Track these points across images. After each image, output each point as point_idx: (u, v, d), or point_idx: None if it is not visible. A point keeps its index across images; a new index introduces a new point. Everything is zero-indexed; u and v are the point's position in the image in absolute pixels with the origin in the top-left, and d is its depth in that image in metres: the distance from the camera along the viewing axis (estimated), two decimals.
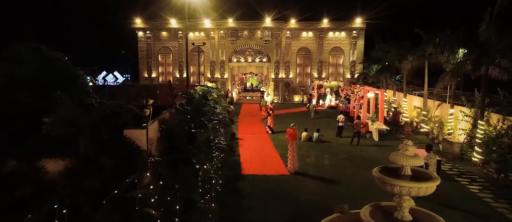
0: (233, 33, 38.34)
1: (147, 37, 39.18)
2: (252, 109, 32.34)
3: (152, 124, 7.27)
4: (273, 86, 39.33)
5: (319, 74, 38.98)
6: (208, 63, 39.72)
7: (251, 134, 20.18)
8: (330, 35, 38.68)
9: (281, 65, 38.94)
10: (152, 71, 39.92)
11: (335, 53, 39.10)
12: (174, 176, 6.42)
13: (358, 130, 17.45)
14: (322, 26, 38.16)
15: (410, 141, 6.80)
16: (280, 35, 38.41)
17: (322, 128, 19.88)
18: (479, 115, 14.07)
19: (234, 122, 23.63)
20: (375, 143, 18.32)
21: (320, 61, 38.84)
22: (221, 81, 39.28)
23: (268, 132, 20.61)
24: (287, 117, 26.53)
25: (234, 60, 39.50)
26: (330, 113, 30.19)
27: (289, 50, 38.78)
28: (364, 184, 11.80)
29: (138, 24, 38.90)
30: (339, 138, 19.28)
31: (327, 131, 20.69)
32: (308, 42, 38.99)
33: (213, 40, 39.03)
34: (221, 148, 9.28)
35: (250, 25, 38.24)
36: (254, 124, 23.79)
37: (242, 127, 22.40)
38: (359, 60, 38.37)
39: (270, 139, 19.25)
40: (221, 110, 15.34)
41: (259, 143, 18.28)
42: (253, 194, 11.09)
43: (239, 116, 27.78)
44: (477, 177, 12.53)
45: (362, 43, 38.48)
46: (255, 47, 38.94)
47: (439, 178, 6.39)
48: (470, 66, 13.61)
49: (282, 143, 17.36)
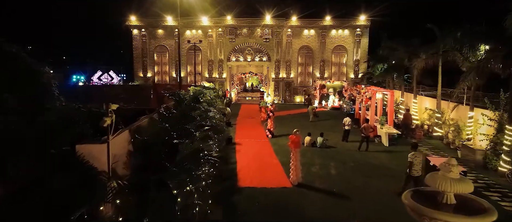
0: (231, 31, 36.77)
1: (142, 35, 37.62)
2: (251, 110, 30.75)
3: (119, 135, 5.69)
4: (274, 86, 37.77)
5: (321, 74, 37.40)
6: (206, 62, 38.15)
7: (249, 138, 18.61)
8: (333, 33, 37.09)
9: (282, 64, 37.38)
10: (147, 70, 38.35)
11: (338, 51, 37.51)
12: (142, 206, 4.85)
13: (366, 135, 15.87)
14: (325, 23, 36.56)
15: (454, 159, 5.21)
16: (281, 33, 36.84)
17: (326, 132, 18.31)
18: (506, 119, 12.46)
19: (231, 125, 22.07)
20: (385, 149, 16.73)
21: (322, 60, 37.26)
22: (219, 81, 37.72)
23: (268, 135, 19.04)
24: (288, 120, 24.95)
25: (233, 59, 37.93)
26: (333, 114, 28.62)
27: (290, 48, 37.20)
28: (375, 197, 10.32)
29: (133, 22, 37.33)
30: (345, 143, 17.72)
31: (331, 134, 19.14)
32: (310, 40, 37.40)
33: (211, 38, 37.46)
34: (212, 161, 7.68)
35: (250, 22, 36.66)
36: (253, 127, 22.21)
37: (240, 130, 20.82)
38: (363, 59, 36.78)
39: (270, 144, 17.67)
40: (215, 113, 13.74)
41: (258, 149, 16.70)
42: (251, 212, 9.54)
43: (237, 117, 26.19)
44: (508, 191, 10.93)
45: (366, 41, 36.87)
46: (254, 45, 37.38)
47: (495, 211, 4.82)
48: (497, 64, 11.99)
49: (283, 149, 15.82)
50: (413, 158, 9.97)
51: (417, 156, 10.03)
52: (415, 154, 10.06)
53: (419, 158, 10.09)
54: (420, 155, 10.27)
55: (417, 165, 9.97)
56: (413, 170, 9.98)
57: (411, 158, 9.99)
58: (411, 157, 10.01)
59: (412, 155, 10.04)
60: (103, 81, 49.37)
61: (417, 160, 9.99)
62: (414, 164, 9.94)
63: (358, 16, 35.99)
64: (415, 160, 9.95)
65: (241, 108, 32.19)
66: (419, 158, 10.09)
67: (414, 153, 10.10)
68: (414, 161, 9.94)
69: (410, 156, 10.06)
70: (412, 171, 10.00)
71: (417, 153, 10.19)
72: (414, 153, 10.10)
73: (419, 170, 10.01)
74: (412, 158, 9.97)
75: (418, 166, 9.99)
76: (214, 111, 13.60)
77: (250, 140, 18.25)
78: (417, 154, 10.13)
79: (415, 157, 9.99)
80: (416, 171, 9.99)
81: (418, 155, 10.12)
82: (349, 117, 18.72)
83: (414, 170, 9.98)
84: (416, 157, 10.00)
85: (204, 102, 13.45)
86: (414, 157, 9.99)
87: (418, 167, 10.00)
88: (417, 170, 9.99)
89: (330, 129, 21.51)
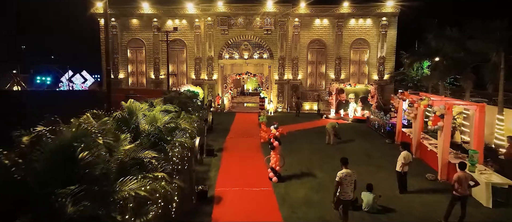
0: (223, 21, 29.09)
1: (112, 26, 29.95)
2: (248, 123, 23.08)
3: None
4: (277, 90, 30.08)
5: (337, 75, 29.69)
6: (192, 61, 30.49)
7: (240, 187, 10.91)
8: (351, 23, 29.36)
9: (287, 63, 29.71)
10: (119, 70, 30.67)
11: (358, 47, 29.77)
12: None
13: (463, 194, 8.19)
14: (342, 11, 28.84)
15: None
16: (286, 24, 29.15)
17: (361, 167, 10.85)
18: None
19: (214, 154, 14.44)
20: (488, 214, 9.07)
21: (338, 58, 29.54)
22: (208, 84, 30.07)
23: (272, 179, 11.40)
24: (297, 140, 17.26)
25: (226, 57, 30.25)
26: (358, 130, 20.92)
27: (298, 43, 29.51)
28: None
29: (99, 9, 29.65)
30: (406, 196, 10.13)
31: (369, 171, 11.82)
32: (322, 33, 29.69)
33: (198, 31, 29.78)
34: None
35: (247, 9, 28.95)
36: (249, 158, 14.44)
37: (227, 167, 13.10)
38: (390, 56, 29.10)
39: (275, 197, 10.07)
40: (172, 149, 6.33)
41: (255, 211, 9.09)
42: None
43: (227, 137, 18.48)
44: None
45: (394, 34, 29.12)
46: (253, 39, 29.70)
47: None
48: None
49: (299, 206, 8.38)
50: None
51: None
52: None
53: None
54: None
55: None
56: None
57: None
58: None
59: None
60: (76, 83, 41.78)
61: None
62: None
63: (384, 1, 28.29)
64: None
65: (235, 120, 24.50)
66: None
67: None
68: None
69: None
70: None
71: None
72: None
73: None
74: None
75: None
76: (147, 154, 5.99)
77: (241, 191, 10.57)
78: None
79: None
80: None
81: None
82: (403, 147, 10.94)
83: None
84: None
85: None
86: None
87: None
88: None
89: (363, 159, 13.95)
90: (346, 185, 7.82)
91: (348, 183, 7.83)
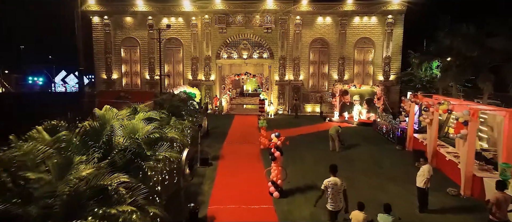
0: (222, 19, 27.73)
1: (105, 25, 28.62)
2: (248, 126, 21.75)
3: None
4: (277, 92, 28.75)
5: (340, 75, 28.36)
6: (188, 61, 29.15)
7: (237, 204, 9.57)
8: (356, 22, 28.03)
9: (288, 63, 28.38)
10: (112, 70, 29.32)
11: (362, 46, 28.43)
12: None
13: (501, 219, 6.87)
14: (345, 8, 27.51)
15: None
16: (287, 22, 27.82)
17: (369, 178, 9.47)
18: None
19: (209, 163, 13.10)
20: None
21: (341, 57, 28.20)
22: (206, 84, 28.74)
23: (273, 194, 10.07)
24: (299, 146, 15.89)
25: (224, 56, 28.91)
26: (364, 134, 19.58)
27: (299, 42, 28.17)
28: None
29: (92, 6, 28.33)
30: (426, 215, 8.82)
31: (378, 184, 10.48)
32: (325, 31, 28.35)
33: (195, 29, 28.43)
34: None
35: (246, 7, 27.61)
36: (247, 168, 13.11)
37: (223, 180, 11.73)
38: (396, 56, 27.78)
39: (276, 217, 8.75)
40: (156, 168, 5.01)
41: None
42: None
43: (224, 143, 17.13)
44: None
45: (400, 33, 27.77)
46: (252, 38, 28.37)
47: None
48: None
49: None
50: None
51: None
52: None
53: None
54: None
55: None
56: None
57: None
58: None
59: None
60: (69, 84, 40.43)
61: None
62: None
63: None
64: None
65: (233, 123, 23.15)
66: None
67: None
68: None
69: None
70: None
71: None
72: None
73: None
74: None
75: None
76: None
77: (238, 210, 9.22)
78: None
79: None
80: None
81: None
82: (424, 159, 9.56)
83: None
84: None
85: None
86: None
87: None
88: None
89: (373, 169, 12.62)
90: (334, 194, 7.30)
91: (336, 193, 7.30)
